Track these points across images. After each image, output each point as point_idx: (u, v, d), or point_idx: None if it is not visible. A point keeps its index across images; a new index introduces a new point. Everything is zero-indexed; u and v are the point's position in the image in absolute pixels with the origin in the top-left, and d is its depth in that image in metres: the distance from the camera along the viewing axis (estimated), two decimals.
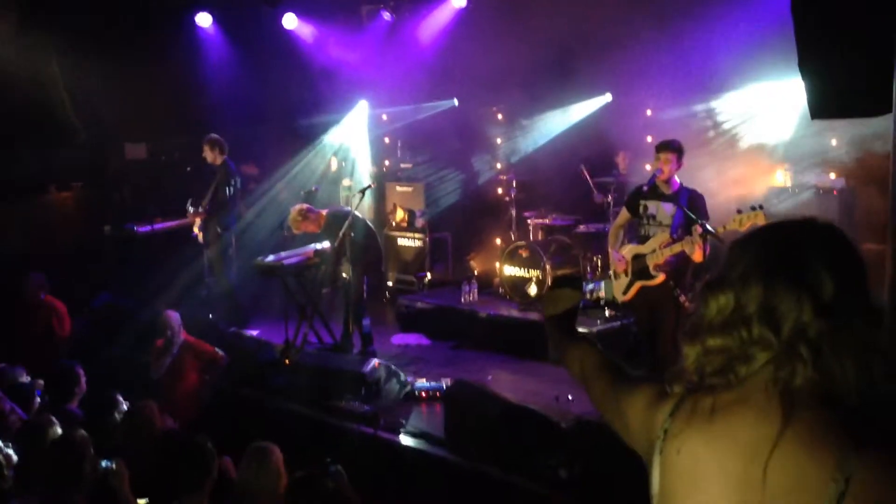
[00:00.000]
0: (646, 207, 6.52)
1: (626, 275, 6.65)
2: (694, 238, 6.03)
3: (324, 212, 8.29)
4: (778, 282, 1.50)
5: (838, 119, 6.13)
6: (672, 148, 6.35)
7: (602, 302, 8.36)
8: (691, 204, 6.27)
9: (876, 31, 3.96)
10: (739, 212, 5.85)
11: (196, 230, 9.45)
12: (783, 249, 1.55)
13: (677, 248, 6.18)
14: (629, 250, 6.61)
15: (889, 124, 3.93)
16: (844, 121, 7.00)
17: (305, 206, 8.38)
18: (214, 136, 9.48)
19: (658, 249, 6.31)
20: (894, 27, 3.81)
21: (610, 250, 6.92)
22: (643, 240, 6.53)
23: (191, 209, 9.37)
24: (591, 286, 8.41)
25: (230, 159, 9.46)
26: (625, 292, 6.69)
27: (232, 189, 9.36)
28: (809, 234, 1.57)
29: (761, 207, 5.82)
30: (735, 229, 5.87)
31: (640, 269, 6.49)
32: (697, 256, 6.07)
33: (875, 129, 6.99)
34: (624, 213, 6.84)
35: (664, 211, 6.41)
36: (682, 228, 6.27)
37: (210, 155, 9.44)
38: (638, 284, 6.54)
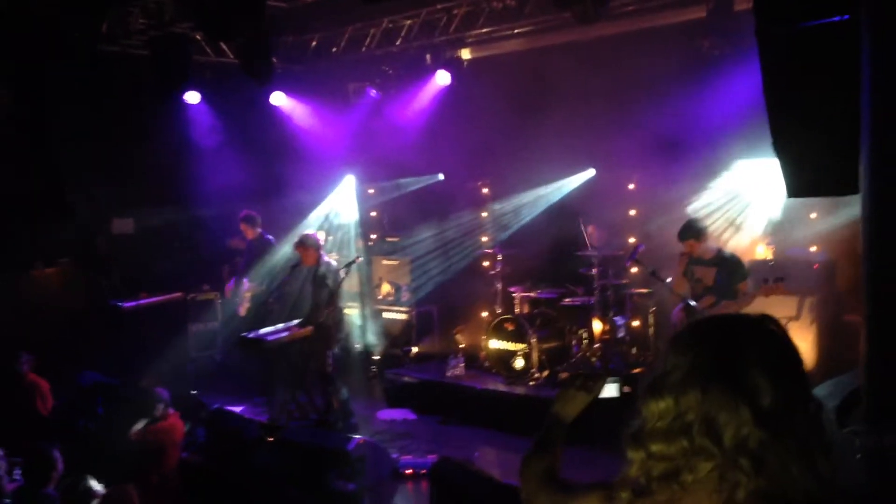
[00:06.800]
0: (693, 272, 7.39)
1: None
2: (738, 299, 6.96)
3: (324, 258, 8.34)
4: (715, 390, 1.48)
5: (813, 197, 6.27)
6: (690, 234, 7.27)
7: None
8: (727, 266, 7.22)
9: (843, 115, 4.08)
10: (766, 281, 6.78)
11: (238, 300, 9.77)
12: (719, 353, 1.52)
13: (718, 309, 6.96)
14: (684, 309, 7.30)
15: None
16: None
17: (320, 239, 8.57)
18: (249, 212, 10.07)
19: (706, 310, 7.01)
20: (858, 110, 3.92)
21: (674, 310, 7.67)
22: (696, 299, 7.26)
23: (248, 283, 9.64)
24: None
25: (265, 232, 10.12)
26: None
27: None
28: (744, 334, 1.55)
29: (782, 280, 6.76)
30: (761, 297, 6.86)
31: None
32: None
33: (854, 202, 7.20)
34: (679, 278, 7.57)
35: (708, 275, 7.29)
36: (723, 289, 7.15)
37: (249, 231, 10.05)
38: None
